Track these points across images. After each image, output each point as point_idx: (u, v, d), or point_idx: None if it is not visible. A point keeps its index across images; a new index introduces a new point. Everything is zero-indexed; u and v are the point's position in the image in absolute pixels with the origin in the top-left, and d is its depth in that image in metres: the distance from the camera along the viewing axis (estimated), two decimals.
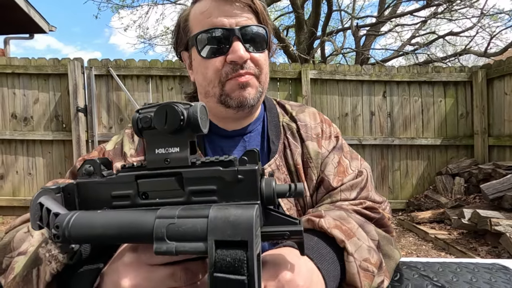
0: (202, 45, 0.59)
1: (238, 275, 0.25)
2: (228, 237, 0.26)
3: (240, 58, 0.56)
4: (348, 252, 0.43)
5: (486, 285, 0.47)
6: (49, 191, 0.32)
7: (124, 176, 0.32)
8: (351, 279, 0.42)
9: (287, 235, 0.32)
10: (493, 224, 2.46)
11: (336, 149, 0.65)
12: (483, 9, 5.54)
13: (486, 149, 3.72)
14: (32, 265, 0.37)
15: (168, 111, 0.30)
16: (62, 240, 0.29)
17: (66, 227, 0.29)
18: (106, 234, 0.29)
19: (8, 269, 0.42)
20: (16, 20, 6.00)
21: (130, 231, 0.28)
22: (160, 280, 0.31)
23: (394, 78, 3.81)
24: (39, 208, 0.31)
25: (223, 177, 0.30)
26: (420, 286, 0.46)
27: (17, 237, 0.44)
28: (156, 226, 0.27)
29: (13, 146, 3.73)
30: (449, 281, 0.48)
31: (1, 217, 3.64)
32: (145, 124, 0.31)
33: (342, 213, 0.50)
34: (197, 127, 0.30)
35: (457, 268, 0.53)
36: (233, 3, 0.58)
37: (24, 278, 0.38)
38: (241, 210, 0.27)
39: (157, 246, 0.27)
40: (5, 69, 3.63)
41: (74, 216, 0.30)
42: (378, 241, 0.49)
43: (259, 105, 0.66)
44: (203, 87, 0.62)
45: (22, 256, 0.42)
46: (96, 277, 0.35)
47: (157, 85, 3.75)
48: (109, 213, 0.30)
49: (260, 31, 0.60)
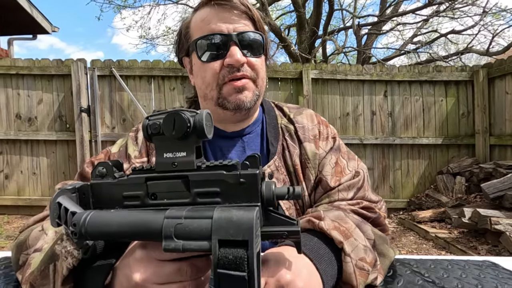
0: (201, 50, 0.62)
1: (239, 272, 0.28)
2: (230, 237, 0.28)
3: (237, 62, 0.59)
4: (346, 253, 0.45)
5: (474, 280, 0.49)
6: (66, 191, 0.35)
7: (135, 178, 0.35)
8: (347, 278, 0.45)
9: (286, 234, 0.34)
10: (493, 223, 2.47)
11: (333, 149, 0.68)
12: (485, 7, 5.52)
13: (488, 148, 3.72)
14: (49, 261, 0.40)
15: (176, 118, 0.32)
16: (78, 237, 0.32)
17: (83, 225, 0.32)
18: (119, 231, 0.31)
19: (25, 265, 0.45)
20: (20, 21, 6.05)
21: (141, 229, 0.31)
22: (168, 274, 0.34)
23: (395, 77, 3.82)
24: (57, 207, 0.33)
25: (226, 180, 0.33)
26: (411, 282, 0.48)
27: (32, 235, 0.47)
28: (165, 226, 0.30)
29: (17, 146, 3.77)
30: (440, 277, 0.50)
31: (7, 216, 3.69)
32: (154, 130, 0.33)
33: (340, 214, 0.52)
34: (203, 133, 0.33)
35: (448, 265, 0.55)
36: (231, 11, 0.61)
37: (41, 273, 0.41)
38: (242, 211, 0.29)
39: (165, 244, 0.30)
40: (9, 70, 3.67)
41: (90, 215, 0.32)
42: (374, 240, 0.51)
43: (256, 107, 0.68)
44: (202, 90, 0.65)
45: (37, 252, 0.44)
46: (109, 271, 0.37)
47: (159, 86, 3.78)
48: (122, 212, 0.33)
49: (256, 37, 0.63)
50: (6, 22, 5.93)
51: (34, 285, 0.41)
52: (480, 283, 0.48)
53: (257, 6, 5.92)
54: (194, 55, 0.64)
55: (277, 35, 5.86)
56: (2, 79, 3.72)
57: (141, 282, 0.33)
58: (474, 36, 5.78)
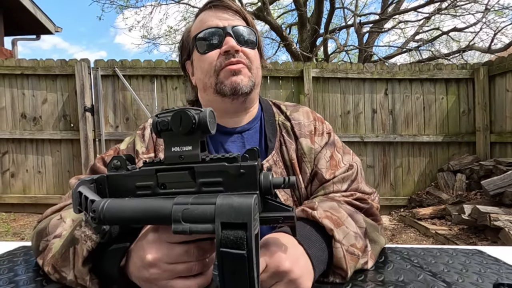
0: (200, 44, 0.68)
1: (240, 250, 0.32)
2: (232, 220, 0.32)
3: (232, 47, 0.65)
4: (336, 239, 0.49)
5: (460, 265, 0.52)
6: (86, 182, 0.39)
7: (146, 170, 0.39)
8: (338, 262, 0.48)
9: (282, 219, 0.38)
10: (493, 220, 2.50)
11: (328, 144, 0.71)
12: (487, 5, 5.50)
13: (488, 146, 3.74)
14: (69, 245, 0.44)
15: (183, 116, 0.36)
16: (98, 222, 0.36)
17: (101, 211, 0.36)
18: (133, 217, 0.35)
19: (45, 251, 0.49)
20: (23, 22, 6.11)
21: (153, 214, 0.35)
22: (177, 255, 0.38)
23: (396, 75, 3.84)
24: (78, 195, 0.37)
25: (228, 171, 0.36)
26: (401, 267, 0.52)
27: (52, 224, 0.52)
28: (174, 211, 0.34)
29: (23, 145, 3.84)
30: (428, 263, 0.53)
31: (13, 214, 3.76)
32: (163, 126, 0.37)
33: (334, 204, 0.55)
34: (207, 129, 0.36)
35: (437, 252, 0.58)
36: (225, 10, 0.69)
37: (62, 256, 0.45)
38: (242, 198, 0.33)
39: (174, 227, 0.34)
40: (14, 70, 3.73)
41: (107, 202, 0.36)
42: (366, 229, 0.55)
43: (253, 98, 0.72)
44: (201, 80, 0.70)
45: (57, 238, 0.49)
46: (125, 253, 0.42)
47: (162, 85, 3.83)
48: (136, 200, 0.37)
49: (250, 33, 0.69)
50: (10, 22, 6.00)
51: (56, 266, 0.46)
52: (465, 267, 0.52)
53: (258, 5, 5.94)
54: (195, 52, 0.70)
55: (278, 34, 5.88)
56: (7, 79, 3.78)
57: (153, 261, 0.37)
58: (476, 33, 5.77)
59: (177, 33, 7.82)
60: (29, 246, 0.64)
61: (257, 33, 0.71)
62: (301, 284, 0.41)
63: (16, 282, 0.49)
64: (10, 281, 0.49)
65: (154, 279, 0.38)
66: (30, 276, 0.51)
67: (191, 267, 0.38)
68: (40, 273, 0.51)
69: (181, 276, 0.38)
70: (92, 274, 0.43)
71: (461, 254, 0.58)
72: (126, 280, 0.42)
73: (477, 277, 0.48)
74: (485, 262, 0.54)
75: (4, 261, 0.58)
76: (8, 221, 3.55)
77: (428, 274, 0.49)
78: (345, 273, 0.48)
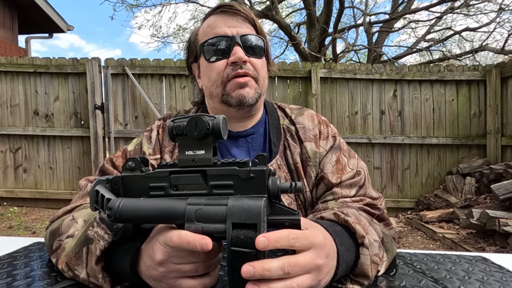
0: (207, 51, 0.68)
1: (249, 249, 0.33)
2: (242, 221, 0.34)
3: (239, 59, 0.65)
4: (365, 245, 0.48)
5: (463, 272, 0.53)
6: (102, 181, 0.41)
7: (160, 171, 0.41)
8: (364, 269, 0.47)
9: (288, 222, 0.40)
10: (502, 225, 2.46)
11: (333, 148, 0.72)
12: (501, 4, 5.38)
13: (499, 149, 3.67)
14: (82, 244, 0.47)
15: (198, 121, 0.38)
16: (113, 220, 0.38)
17: (117, 209, 0.38)
18: (148, 215, 0.37)
19: (58, 250, 0.52)
20: (37, 20, 6.25)
21: (167, 213, 0.37)
22: (184, 256, 0.39)
23: (405, 76, 3.80)
24: (95, 194, 0.40)
25: (239, 175, 0.38)
26: (403, 272, 0.52)
27: (64, 224, 0.54)
28: (187, 211, 0.36)
29: (35, 142, 3.94)
30: (430, 269, 0.54)
31: (25, 208, 3.87)
32: (178, 131, 0.39)
33: (354, 211, 0.55)
34: (219, 135, 0.38)
35: (441, 258, 0.59)
36: (234, 17, 0.68)
37: (76, 254, 0.47)
38: (252, 200, 0.35)
39: (187, 226, 0.36)
40: (28, 68, 3.83)
41: (123, 201, 0.38)
42: (382, 238, 0.54)
43: (259, 106, 0.73)
44: (208, 88, 0.71)
45: (70, 238, 0.51)
46: (136, 253, 0.44)
47: (171, 84, 3.87)
48: (150, 200, 0.39)
49: (258, 40, 0.69)
50: (24, 21, 6.15)
51: (69, 264, 0.48)
52: (467, 274, 0.52)
53: (267, 4, 5.94)
54: (202, 58, 0.70)
55: (287, 33, 5.87)
56: (21, 77, 3.88)
57: (161, 261, 0.39)
58: (489, 33, 5.64)
59: (186, 32, 7.89)
60: (43, 243, 0.66)
61: (266, 39, 0.71)
62: (322, 271, 0.39)
63: (33, 276, 0.52)
64: (27, 275, 0.52)
65: (163, 277, 0.40)
66: (45, 271, 0.54)
67: (197, 268, 0.39)
68: (55, 269, 0.54)
69: (188, 276, 0.40)
70: (104, 272, 0.45)
71: (465, 261, 0.58)
72: (137, 278, 0.44)
73: (480, 285, 0.48)
74: (488, 269, 0.54)
75: (21, 256, 0.61)
76: (20, 215, 3.66)
77: (430, 280, 0.50)
78: (369, 281, 0.47)
